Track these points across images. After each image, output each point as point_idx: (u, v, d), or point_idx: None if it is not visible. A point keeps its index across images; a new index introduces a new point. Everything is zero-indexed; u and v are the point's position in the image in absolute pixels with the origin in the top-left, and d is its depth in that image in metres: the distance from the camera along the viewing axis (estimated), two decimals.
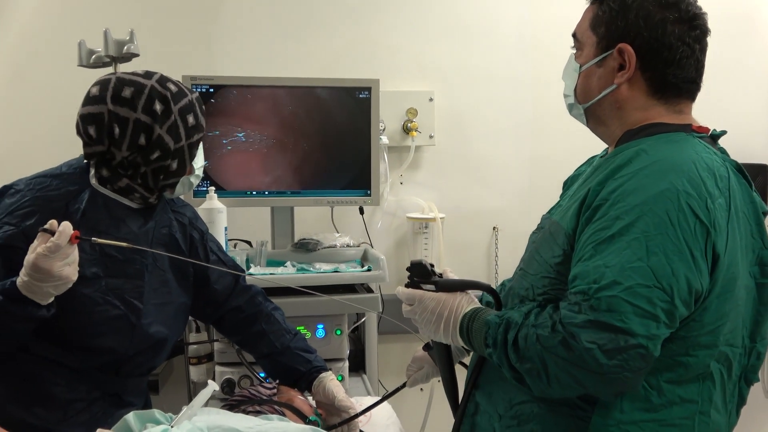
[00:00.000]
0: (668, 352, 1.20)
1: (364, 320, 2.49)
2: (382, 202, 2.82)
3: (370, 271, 2.30)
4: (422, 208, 2.90)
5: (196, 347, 2.22)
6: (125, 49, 2.26)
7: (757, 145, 3.12)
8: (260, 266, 2.32)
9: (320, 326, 2.23)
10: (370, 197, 2.49)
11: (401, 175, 2.92)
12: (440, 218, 2.82)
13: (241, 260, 2.29)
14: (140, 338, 1.66)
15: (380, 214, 2.91)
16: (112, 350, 1.63)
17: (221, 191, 2.35)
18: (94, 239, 1.49)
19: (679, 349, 1.22)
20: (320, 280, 2.20)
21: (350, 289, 2.30)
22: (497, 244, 3.00)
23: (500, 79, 2.96)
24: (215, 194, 2.25)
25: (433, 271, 1.44)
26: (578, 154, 1.63)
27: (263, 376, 2.08)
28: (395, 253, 2.93)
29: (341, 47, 2.85)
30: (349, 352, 2.32)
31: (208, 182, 2.35)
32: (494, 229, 3.00)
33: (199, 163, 1.76)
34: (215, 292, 1.86)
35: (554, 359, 1.17)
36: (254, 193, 2.43)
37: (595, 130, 1.45)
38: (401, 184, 2.93)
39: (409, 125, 2.86)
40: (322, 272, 2.27)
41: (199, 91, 2.34)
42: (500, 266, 2.99)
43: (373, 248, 2.60)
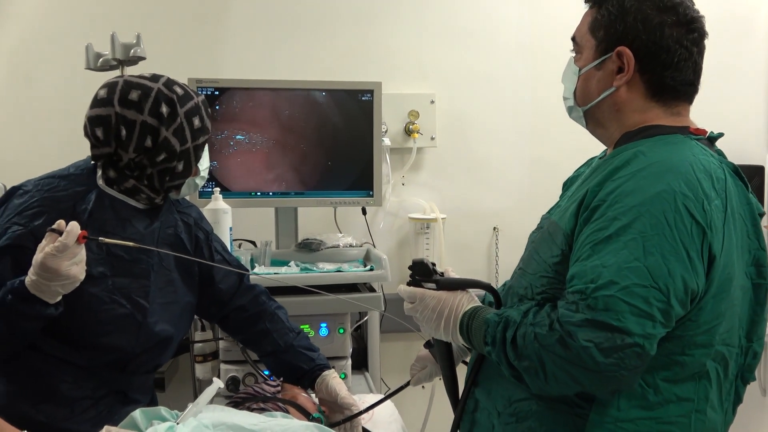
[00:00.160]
0: (665, 351, 1.20)
1: (366, 319, 2.48)
2: (384, 202, 2.82)
3: (372, 270, 2.30)
4: (424, 208, 2.90)
5: (201, 345, 2.22)
6: (132, 52, 2.26)
7: (753, 146, 3.11)
8: (264, 266, 2.32)
9: (323, 325, 2.23)
10: (372, 198, 2.49)
11: (403, 176, 2.92)
12: (441, 219, 2.82)
13: (245, 260, 2.29)
14: (146, 337, 1.66)
15: (382, 214, 2.91)
16: (118, 348, 1.63)
17: (226, 192, 2.35)
18: (101, 239, 1.50)
19: (675, 348, 1.22)
20: (323, 279, 2.19)
21: (353, 288, 2.30)
22: (497, 244, 2.99)
23: (500, 81, 2.96)
24: (220, 195, 2.25)
25: (434, 269, 1.44)
26: (577, 155, 1.62)
27: (267, 373, 2.07)
28: (397, 253, 2.92)
29: (344, 51, 2.85)
30: (351, 350, 2.32)
31: (213, 183, 2.35)
32: (495, 229, 3.00)
33: (204, 164, 1.76)
34: (220, 291, 1.86)
35: (552, 357, 1.17)
36: (258, 194, 2.43)
37: (594, 132, 1.45)
38: (403, 185, 2.93)
39: (410, 127, 2.86)
40: (325, 272, 2.27)
41: (204, 93, 2.34)
42: (501, 266, 2.98)
43: (375, 248, 2.60)
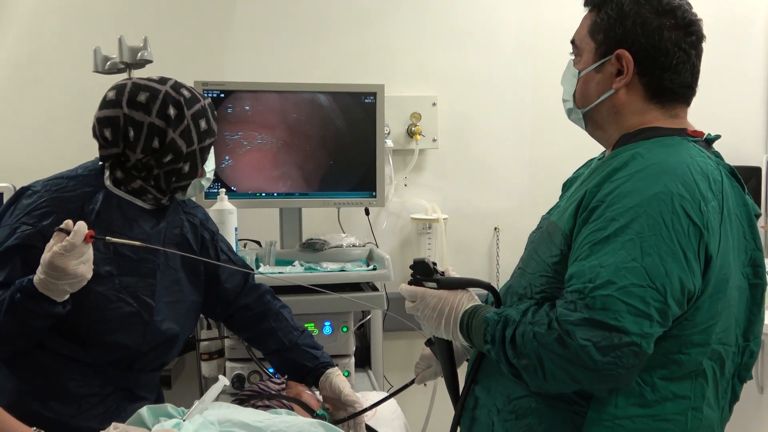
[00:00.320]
0: (662, 350, 1.20)
1: (369, 317, 2.48)
2: (387, 203, 2.82)
3: (375, 270, 2.30)
4: (426, 209, 2.90)
5: (207, 344, 2.22)
6: (139, 55, 2.26)
7: (751, 147, 3.11)
8: (269, 265, 2.32)
9: (327, 323, 2.23)
10: (375, 199, 2.49)
11: (405, 177, 2.92)
12: (443, 219, 2.82)
13: (250, 260, 2.29)
14: (152, 335, 1.66)
15: (385, 215, 2.91)
16: (125, 346, 1.63)
17: (232, 193, 2.36)
18: (108, 238, 1.50)
19: (672, 347, 1.22)
20: (327, 278, 2.20)
21: (356, 287, 2.30)
22: (498, 244, 2.99)
23: (501, 83, 2.96)
24: (226, 196, 2.25)
25: (435, 269, 1.44)
26: (577, 156, 1.62)
27: (272, 371, 2.08)
28: (400, 252, 2.92)
29: (347, 54, 2.85)
30: (355, 348, 2.31)
31: (219, 184, 2.35)
32: (495, 229, 3.00)
33: (210, 166, 1.76)
34: (225, 290, 1.85)
35: (550, 356, 1.17)
36: (263, 194, 2.44)
37: (593, 134, 1.45)
38: (405, 186, 2.93)
39: (413, 129, 2.86)
40: (329, 271, 2.27)
41: (210, 96, 2.34)
42: (501, 265, 2.98)
43: (378, 248, 2.60)
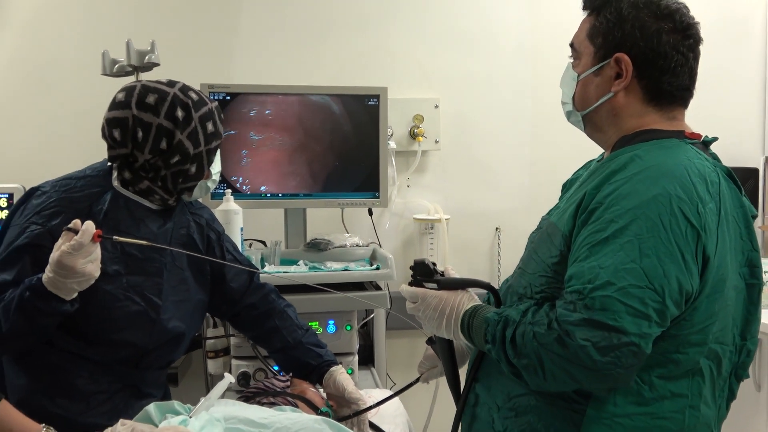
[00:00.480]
0: (660, 349, 1.19)
1: (372, 316, 2.48)
2: (390, 204, 2.81)
3: (378, 269, 2.30)
4: (428, 209, 2.90)
5: (213, 342, 2.22)
6: (146, 58, 2.27)
7: (748, 149, 3.10)
8: (274, 265, 2.32)
9: (331, 322, 2.23)
10: (378, 199, 2.49)
11: (408, 178, 2.91)
12: (445, 219, 2.82)
13: (255, 259, 2.29)
14: (159, 333, 1.66)
15: (388, 215, 2.91)
16: (132, 344, 1.63)
17: (237, 194, 2.35)
18: (115, 237, 1.50)
19: (670, 346, 1.21)
20: (331, 278, 2.19)
21: (360, 286, 2.29)
22: (499, 243, 2.99)
23: (502, 85, 2.95)
24: (231, 196, 2.25)
25: (435, 269, 1.43)
26: (576, 156, 1.62)
27: (277, 369, 2.07)
28: (402, 252, 2.92)
29: (351, 57, 2.85)
30: (358, 346, 2.31)
31: (225, 185, 2.35)
32: (497, 229, 2.99)
33: (216, 168, 1.77)
34: (231, 289, 1.86)
35: (550, 355, 1.17)
36: (268, 195, 2.44)
37: (592, 135, 1.44)
38: (408, 186, 2.93)
39: (415, 131, 2.85)
40: (333, 270, 2.27)
41: (216, 98, 2.34)
42: (502, 265, 2.98)
43: (381, 248, 2.59)
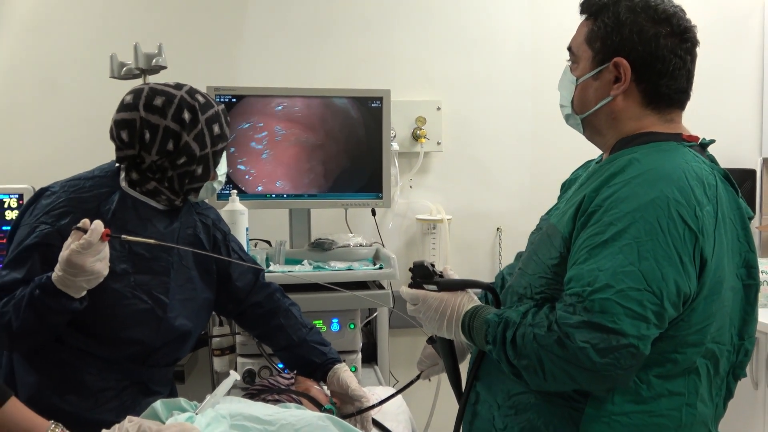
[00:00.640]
0: (658, 349, 1.19)
1: (376, 315, 2.48)
2: (393, 204, 2.81)
3: (381, 269, 2.30)
4: (430, 210, 2.90)
5: (219, 340, 2.22)
6: (154, 61, 2.27)
7: (745, 150, 3.09)
8: (279, 264, 2.32)
9: (335, 320, 2.23)
10: (381, 200, 2.49)
11: (411, 179, 2.92)
12: (447, 219, 2.82)
13: (261, 259, 2.29)
14: (166, 331, 1.66)
15: (391, 215, 2.91)
16: (139, 342, 1.63)
17: (243, 194, 2.36)
18: (123, 236, 1.50)
19: (668, 347, 1.21)
20: (335, 277, 2.19)
21: (363, 285, 2.29)
22: (500, 243, 2.99)
23: (503, 88, 2.95)
24: (237, 197, 2.25)
25: (434, 271, 1.43)
26: (576, 157, 1.61)
27: (281, 367, 2.08)
28: (405, 252, 2.93)
29: (355, 60, 2.85)
30: (361, 344, 2.31)
31: (230, 186, 2.35)
32: (498, 229, 2.99)
33: (222, 170, 1.77)
34: (237, 288, 1.86)
35: (550, 357, 1.17)
36: (273, 196, 2.44)
37: (591, 138, 1.44)
38: (411, 187, 2.93)
39: (418, 132, 2.86)
40: (336, 270, 2.27)
41: (222, 100, 2.34)
42: (503, 265, 2.92)
43: (384, 248, 2.59)
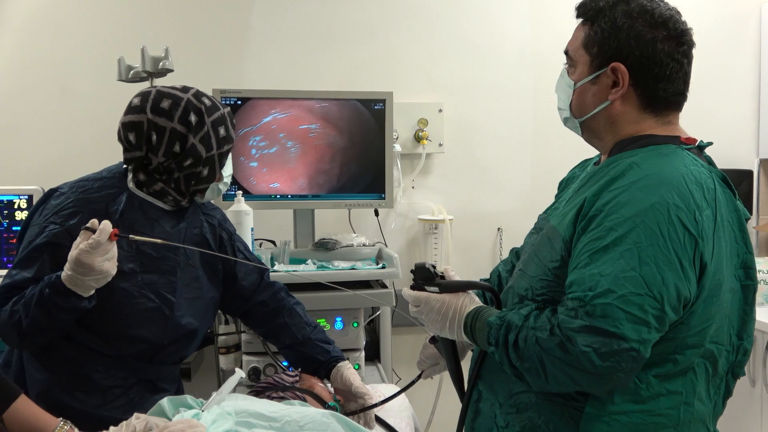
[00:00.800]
0: (658, 351, 1.19)
1: (378, 313, 2.48)
2: (395, 204, 2.82)
3: (384, 268, 2.30)
4: (432, 210, 2.89)
5: (225, 338, 2.22)
6: (161, 65, 2.27)
7: (742, 151, 3.09)
8: (283, 264, 2.32)
9: (338, 319, 2.23)
10: (384, 200, 2.49)
11: (413, 180, 2.91)
12: (449, 220, 2.82)
13: (266, 258, 2.29)
14: (173, 329, 1.66)
15: (394, 215, 2.90)
16: (147, 340, 1.64)
17: (248, 195, 2.36)
18: (131, 236, 1.50)
19: (668, 348, 1.21)
20: (339, 276, 2.19)
21: (366, 284, 2.29)
22: (501, 243, 2.98)
23: (504, 91, 2.95)
24: (243, 198, 2.25)
25: (435, 272, 1.43)
26: (576, 158, 1.61)
27: (286, 364, 2.08)
28: (407, 251, 2.92)
29: (358, 63, 2.85)
30: (365, 342, 2.31)
31: (236, 187, 2.35)
32: (499, 229, 2.99)
33: (227, 171, 1.77)
34: (242, 288, 1.86)
35: (552, 360, 1.17)
36: (278, 196, 2.44)
37: (589, 141, 1.43)
38: (413, 188, 2.93)
39: (420, 134, 2.85)
40: (340, 269, 2.27)
41: (227, 103, 2.34)
42: None
43: (387, 247, 2.60)
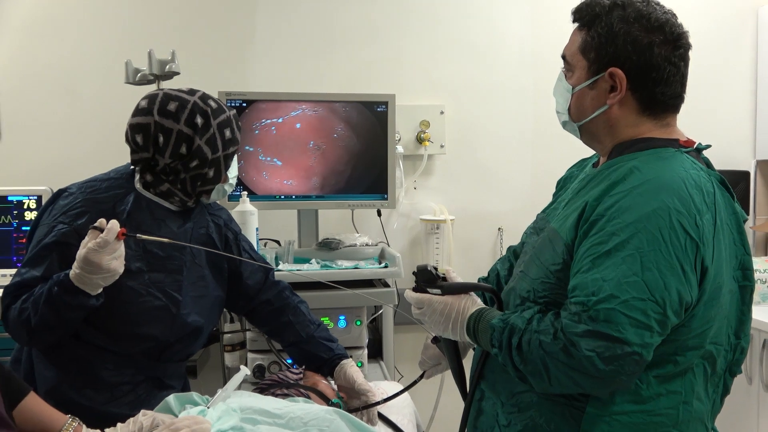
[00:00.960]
0: (659, 353, 1.19)
1: (381, 312, 2.48)
2: (397, 205, 2.81)
3: (386, 267, 2.30)
4: (434, 210, 2.89)
5: (230, 336, 2.22)
6: (167, 67, 2.27)
7: (740, 152, 3.08)
8: (288, 263, 2.32)
9: (342, 317, 2.23)
10: (386, 201, 2.49)
11: (415, 180, 2.91)
12: (450, 220, 2.81)
13: (270, 258, 2.29)
14: (179, 327, 1.67)
15: (396, 216, 2.90)
16: (153, 338, 1.64)
17: (253, 195, 2.36)
18: (138, 235, 1.51)
19: (669, 350, 1.21)
20: (342, 275, 2.19)
21: (369, 284, 2.29)
22: (502, 243, 2.98)
23: (505, 93, 2.95)
24: (248, 198, 2.26)
25: (437, 274, 1.43)
26: (575, 159, 1.61)
27: (290, 362, 2.08)
28: (409, 251, 2.92)
29: (361, 65, 2.85)
30: (367, 340, 2.31)
31: (241, 187, 2.35)
32: (499, 229, 2.99)
33: (232, 173, 1.77)
34: (247, 286, 1.86)
35: (555, 363, 1.16)
36: (282, 197, 2.44)
37: (588, 144, 1.43)
38: (415, 189, 2.92)
39: (422, 136, 2.85)
40: (343, 268, 2.27)
41: (232, 105, 2.35)
42: None
43: (389, 247, 2.60)
